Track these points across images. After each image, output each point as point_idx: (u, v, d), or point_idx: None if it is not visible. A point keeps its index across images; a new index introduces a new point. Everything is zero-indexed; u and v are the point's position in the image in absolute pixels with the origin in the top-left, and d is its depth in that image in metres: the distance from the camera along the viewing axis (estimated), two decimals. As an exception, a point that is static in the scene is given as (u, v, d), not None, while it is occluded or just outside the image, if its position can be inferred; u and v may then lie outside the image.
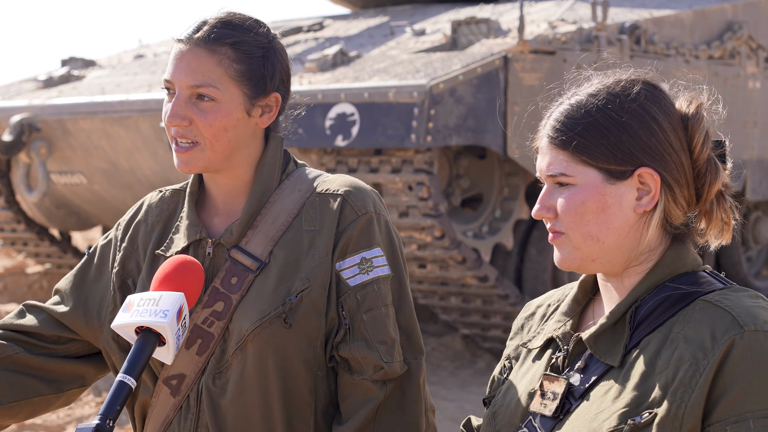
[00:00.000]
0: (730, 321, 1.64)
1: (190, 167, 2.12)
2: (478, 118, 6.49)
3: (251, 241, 2.13)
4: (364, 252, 2.12)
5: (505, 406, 1.86)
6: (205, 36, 2.10)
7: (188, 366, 2.11)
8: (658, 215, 1.75)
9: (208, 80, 2.08)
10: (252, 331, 2.08)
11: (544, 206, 1.78)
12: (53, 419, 6.35)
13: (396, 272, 2.16)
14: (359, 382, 2.09)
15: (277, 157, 2.19)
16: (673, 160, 1.75)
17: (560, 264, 1.79)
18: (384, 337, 2.10)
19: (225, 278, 2.12)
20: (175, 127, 2.11)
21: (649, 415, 1.63)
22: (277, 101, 2.16)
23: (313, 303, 2.09)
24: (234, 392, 2.09)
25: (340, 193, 2.15)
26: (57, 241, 8.92)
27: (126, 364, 1.86)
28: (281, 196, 2.17)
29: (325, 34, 8.39)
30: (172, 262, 2.00)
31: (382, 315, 2.11)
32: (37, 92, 8.33)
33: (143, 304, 1.91)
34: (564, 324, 1.84)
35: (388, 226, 2.17)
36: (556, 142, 1.76)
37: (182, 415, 2.13)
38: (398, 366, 2.11)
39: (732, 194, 1.81)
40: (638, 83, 1.77)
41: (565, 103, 1.79)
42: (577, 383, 1.74)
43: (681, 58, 7.80)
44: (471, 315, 7.38)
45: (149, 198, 2.30)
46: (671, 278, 1.75)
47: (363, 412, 2.08)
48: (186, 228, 2.18)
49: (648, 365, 1.67)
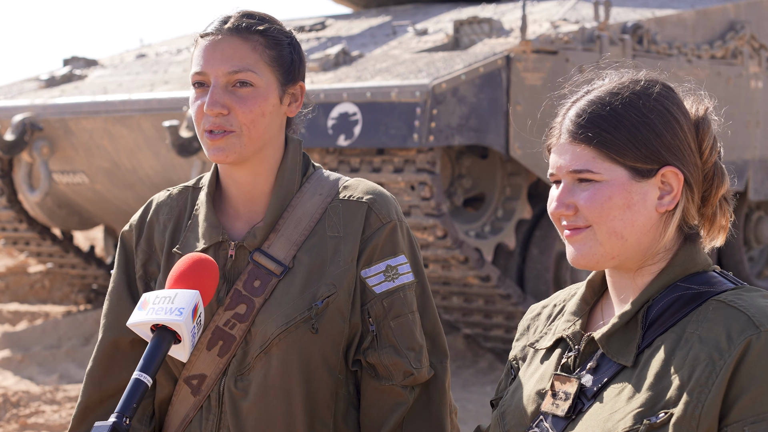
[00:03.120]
0: (746, 321, 1.64)
1: (226, 154, 2.09)
2: (480, 117, 6.48)
3: (274, 244, 2.14)
4: (390, 260, 2.14)
5: (514, 406, 1.85)
6: (236, 25, 2.11)
7: (209, 367, 2.12)
8: (678, 214, 1.75)
9: (246, 65, 2.09)
10: (278, 335, 2.09)
11: (563, 203, 1.75)
12: (55, 419, 6.35)
13: (419, 278, 2.19)
14: (388, 388, 2.12)
15: (297, 160, 2.20)
16: (691, 162, 1.75)
17: (576, 260, 1.76)
18: (412, 344, 2.13)
19: (248, 281, 2.12)
20: (215, 116, 2.08)
21: (665, 415, 1.62)
22: (302, 90, 2.19)
23: (339, 308, 2.11)
24: (257, 394, 2.10)
25: (364, 201, 2.16)
26: (59, 240, 8.91)
27: (142, 362, 1.86)
28: (302, 200, 2.17)
29: (327, 34, 8.38)
30: (187, 260, 2.00)
31: (409, 321, 2.14)
32: (39, 92, 8.32)
33: (158, 302, 1.91)
34: (573, 324, 1.83)
35: (409, 233, 2.20)
36: (579, 137, 1.74)
37: (203, 415, 2.14)
38: (426, 371, 2.14)
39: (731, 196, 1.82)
40: (657, 83, 1.77)
41: (584, 100, 1.77)
42: (589, 383, 1.74)
43: (683, 57, 7.79)
44: (473, 315, 7.37)
45: (157, 198, 2.29)
46: (682, 278, 1.75)
47: (394, 417, 2.11)
48: (206, 230, 2.17)
49: (662, 365, 1.67)
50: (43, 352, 7.97)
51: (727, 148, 8.14)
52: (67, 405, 6.63)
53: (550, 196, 1.79)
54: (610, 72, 1.82)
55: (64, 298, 10.05)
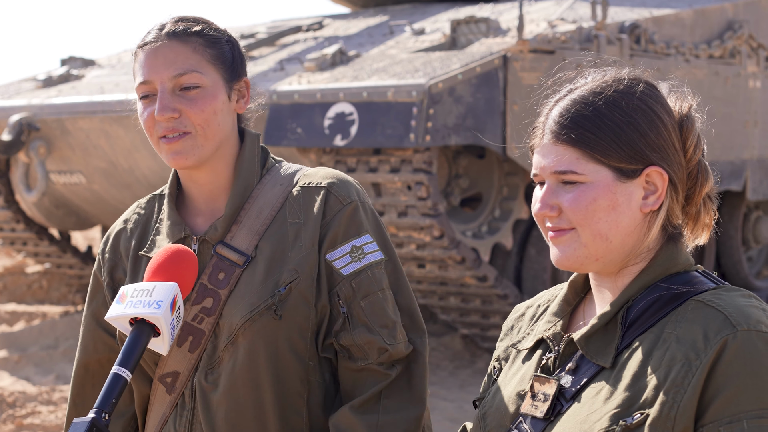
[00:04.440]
0: (723, 321, 1.62)
1: (185, 157, 2.11)
2: (477, 117, 6.47)
3: (236, 236, 2.15)
4: (354, 240, 2.14)
5: (494, 407, 1.84)
6: (173, 30, 2.14)
7: (181, 363, 2.13)
8: (663, 214, 1.74)
9: (189, 66, 2.10)
10: (242, 324, 2.09)
11: (547, 204, 1.73)
12: (52, 419, 6.35)
13: (389, 255, 2.18)
14: (365, 368, 2.11)
15: (255, 152, 2.22)
16: (676, 161, 1.74)
17: (560, 262, 1.75)
18: (384, 321, 2.12)
19: (212, 274, 2.13)
20: (166, 120, 2.10)
21: (641, 416, 1.61)
22: (248, 86, 2.21)
23: (302, 294, 2.11)
24: (225, 386, 2.10)
25: (323, 185, 2.17)
26: (56, 240, 8.91)
27: (120, 357, 1.85)
28: (263, 191, 2.19)
29: (325, 34, 8.38)
30: (165, 252, 2.00)
31: (380, 299, 2.13)
32: (36, 92, 8.31)
33: (137, 295, 1.90)
34: (554, 324, 1.82)
35: (374, 213, 2.20)
36: (563, 138, 1.72)
37: (178, 412, 2.14)
38: (403, 347, 2.13)
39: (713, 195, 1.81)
40: (640, 82, 1.75)
41: (566, 99, 1.75)
42: (568, 384, 1.73)
43: (681, 57, 7.77)
44: (470, 315, 7.36)
45: (128, 211, 2.34)
46: (663, 278, 1.74)
47: (373, 389, 2.10)
48: (169, 228, 2.19)
49: (640, 366, 1.65)
50: (40, 352, 7.96)
51: (725, 147, 8.12)
52: (64, 406, 6.62)
53: (534, 197, 1.78)
54: (593, 70, 1.80)
55: (61, 299, 10.05)
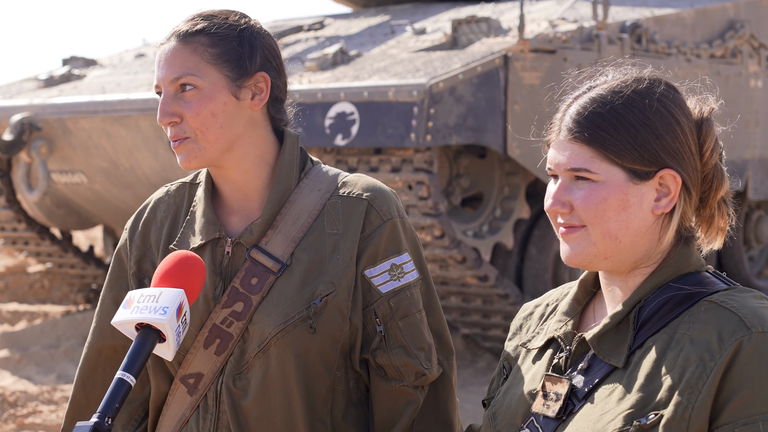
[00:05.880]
0: (737, 322, 1.62)
1: (189, 160, 2.10)
2: (478, 117, 6.47)
3: (271, 241, 2.11)
4: (394, 258, 2.12)
5: (505, 406, 1.84)
6: (182, 31, 2.11)
7: (206, 365, 2.11)
8: (677, 219, 1.73)
9: (185, 70, 2.07)
10: (276, 334, 2.07)
11: (559, 201, 1.73)
12: (53, 419, 6.35)
13: (423, 275, 2.17)
14: (399, 389, 2.10)
15: (295, 154, 2.18)
16: (690, 164, 1.73)
17: (569, 259, 1.74)
18: (421, 343, 2.11)
19: (245, 279, 2.10)
20: (167, 126, 2.10)
21: (655, 417, 1.61)
22: (266, 81, 2.13)
23: (338, 307, 2.09)
24: (257, 394, 2.08)
25: (364, 198, 2.13)
26: (58, 240, 8.90)
27: (125, 361, 1.84)
28: (301, 196, 2.14)
29: (326, 33, 8.37)
30: (173, 258, 1.99)
31: (417, 321, 2.12)
32: (38, 91, 8.32)
33: (143, 301, 1.89)
34: (565, 324, 1.82)
35: (411, 229, 2.18)
36: (579, 136, 1.71)
37: (200, 415, 2.12)
38: (436, 370, 2.13)
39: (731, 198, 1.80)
40: (661, 83, 1.75)
41: (585, 97, 1.75)
42: (580, 384, 1.73)
43: (682, 57, 7.77)
44: (471, 314, 7.36)
45: (155, 195, 2.29)
46: (675, 278, 1.74)
47: (405, 417, 2.10)
48: (203, 226, 2.15)
49: (653, 366, 1.65)
50: (42, 352, 7.97)
51: (726, 147, 8.11)
52: (65, 405, 6.61)
53: (547, 192, 1.77)
54: (613, 69, 1.79)
55: (63, 298, 10.05)
